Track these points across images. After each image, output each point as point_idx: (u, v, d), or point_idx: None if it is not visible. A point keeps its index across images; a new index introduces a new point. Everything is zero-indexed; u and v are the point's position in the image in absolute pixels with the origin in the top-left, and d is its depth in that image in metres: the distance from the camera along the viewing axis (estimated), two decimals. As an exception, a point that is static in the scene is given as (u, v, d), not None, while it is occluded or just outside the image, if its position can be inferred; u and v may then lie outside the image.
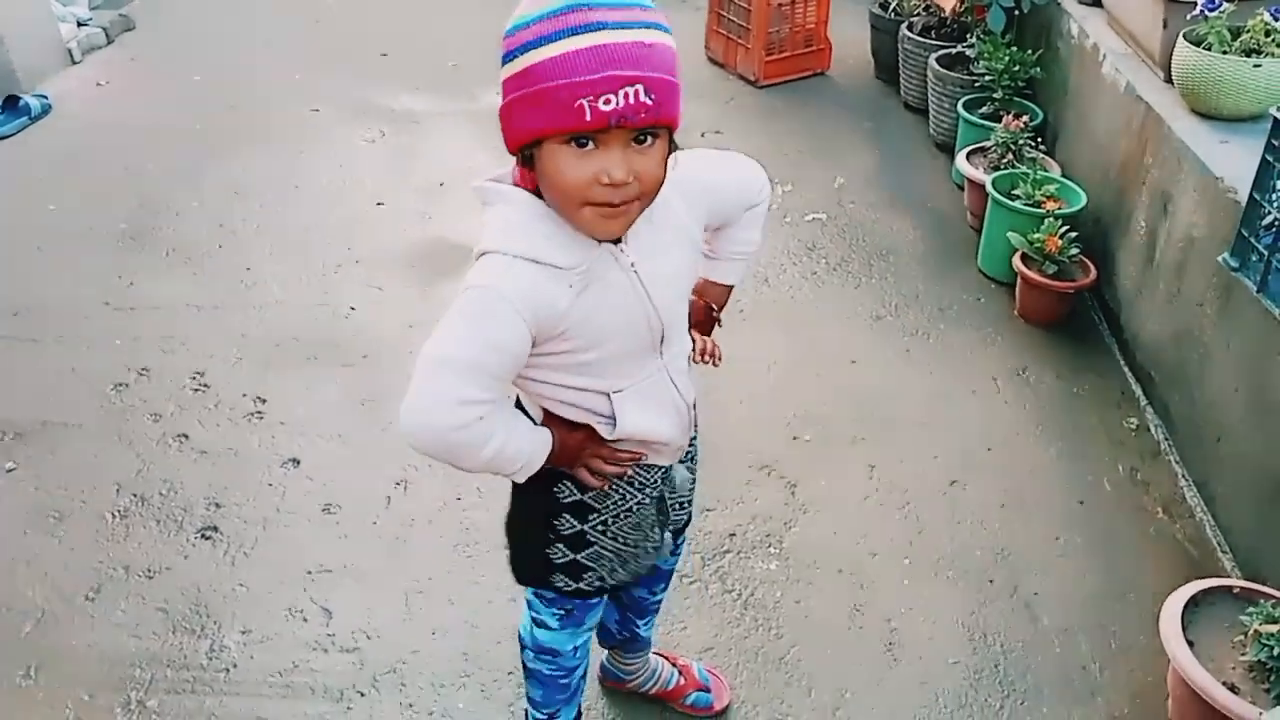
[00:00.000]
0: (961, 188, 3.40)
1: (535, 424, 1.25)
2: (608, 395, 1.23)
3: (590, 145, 1.03)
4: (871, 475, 2.36)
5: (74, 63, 4.51)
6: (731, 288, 1.49)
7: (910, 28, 3.99)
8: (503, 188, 1.15)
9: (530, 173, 1.11)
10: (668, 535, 1.47)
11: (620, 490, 1.34)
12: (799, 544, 2.18)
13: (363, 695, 1.86)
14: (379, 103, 4.19)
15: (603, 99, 0.99)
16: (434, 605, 2.03)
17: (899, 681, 1.89)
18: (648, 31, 1.02)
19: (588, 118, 0.99)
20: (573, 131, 1.02)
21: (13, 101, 4.00)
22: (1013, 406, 2.57)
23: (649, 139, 1.05)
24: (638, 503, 1.36)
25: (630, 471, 1.32)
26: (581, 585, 1.40)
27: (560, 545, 1.37)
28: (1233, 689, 1.62)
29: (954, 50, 3.71)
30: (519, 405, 1.28)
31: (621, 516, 1.36)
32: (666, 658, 1.85)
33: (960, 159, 3.27)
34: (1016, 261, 2.81)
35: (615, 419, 1.24)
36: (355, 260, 3.14)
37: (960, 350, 2.77)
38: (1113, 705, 1.85)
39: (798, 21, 4.34)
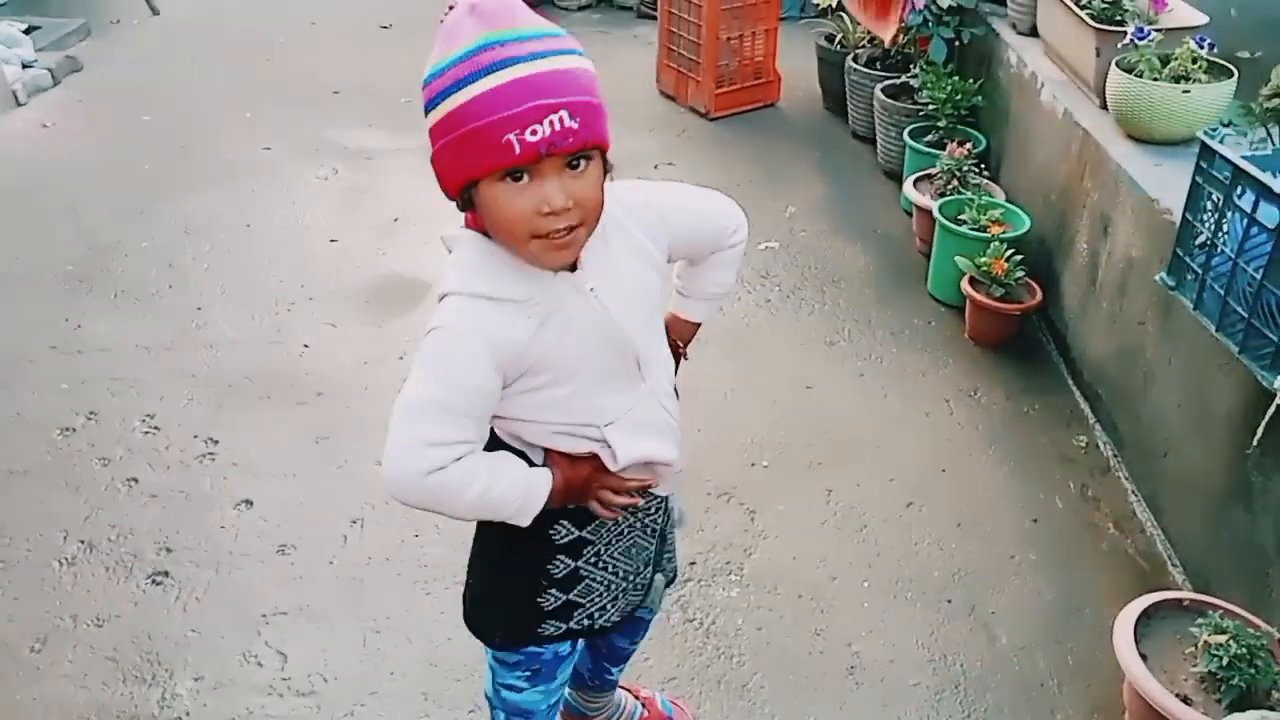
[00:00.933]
0: (910, 214, 3.46)
1: (536, 464, 1.23)
2: (599, 429, 1.21)
3: (525, 178, 1.05)
4: (829, 499, 2.38)
5: (19, 105, 4.46)
6: (698, 325, 1.48)
7: (856, 59, 4.07)
8: (457, 232, 1.16)
9: (475, 215, 1.12)
10: (659, 579, 1.46)
11: (617, 521, 1.33)
12: (759, 570, 2.18)
13: (320, 739, 1.83)
14: (331, 140, 4.19)
15: (529, 130, 1.00)
16: (392, 644, 2.00)
17: (861, 705, 1.90)
18: (561, 58, 1.04)
19: (517, 151, 1.01)
20: (505, 168, 1.03)
21: (-45, 144, 3.94)
22: (965, 427, 2.61)
23: (582, 163, 1.06)
24: (629, 527, 1.35)
25: (641, 501, 1.31)
26: (572, 625, 1.37)
27: (553, 590, 1.34)
28: (1185, 700, 1.65)
29: (899, 80, 3.80)
30: (518, 452, 1.24)
31: (614, 543, 1.35)
32: (630, 690, 1.83)
33: (908, 186, 3.34)
34: (965, 285, 2.87)
35: (614, 452, 1.22)
36: (309, 297, 3.12)
37: (913, 373, 2.81)
38: (1071, 720, 1.87)
39: (746, 54, 4.41)
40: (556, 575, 1.33)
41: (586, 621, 1.38)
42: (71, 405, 2.64)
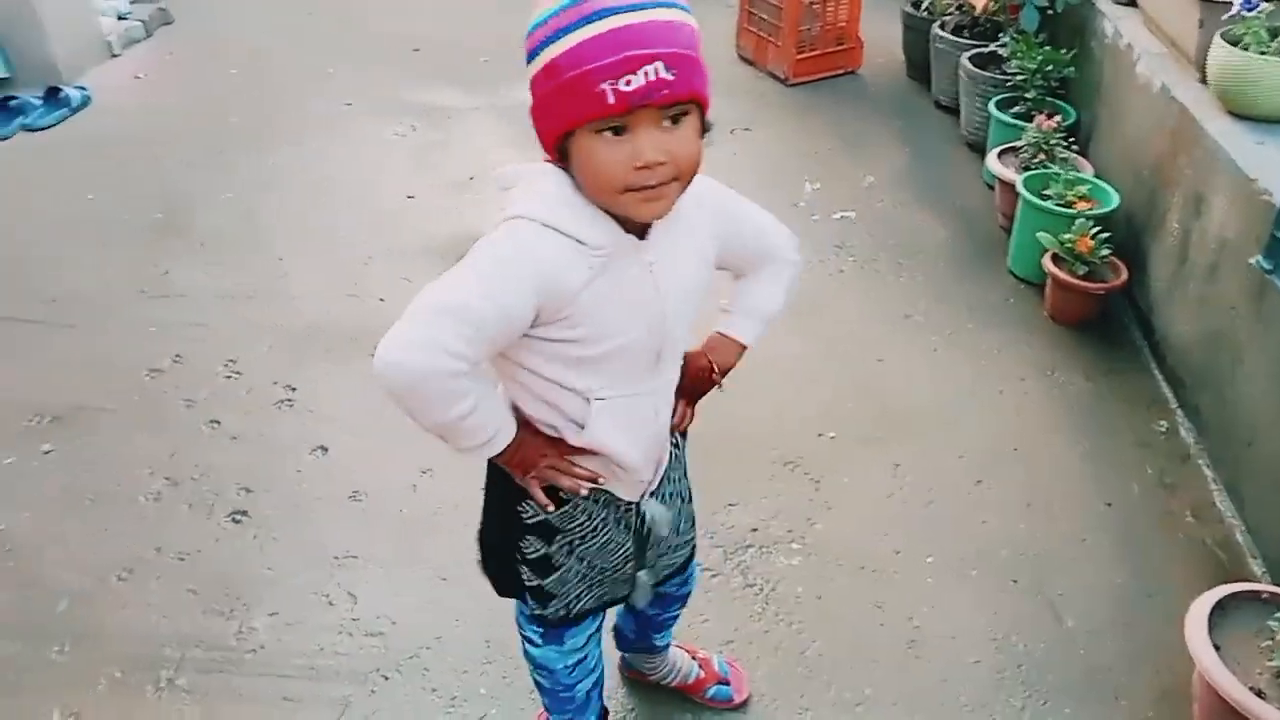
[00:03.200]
0: (992, 187, 3.38)
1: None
2: (588, 400, 1.21)
3: (621, 131, 1.04)
4: (895, 473, 2.36)
5: (113, 55, 4.58)
6: (743, 350, 1.43)
7: (943, 26, 3.97)
8: (534, 165, 1.15)
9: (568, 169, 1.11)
10: (643, 576, 1.44)
11: (586, 509, 1.33)
12: (822, 540, 2.18)
13: (386, 679, 1.88)
14: (410, 98, 4.23)
15: (623, 80, 0.99)
16: (457, 592, 2.05)
17: (919, 679, 1.89)
18: (662, 10, 1.02)
19: (611, 101, 1.00)
20: (599, 119, 1.03)
21: (53, 93, 4.07)
22: (1040, 407, 2.55)
23: (679, 117, 1.05)
24: (603, 521, 1.34)
25: (588, 491, 1.30)
26: (546, 613, 1.40)
27: (526, 569, 1.36)
28: (1259, 694, 1.61)
29: (986, 49, 3.69)
30: None
31: (588, 537, 1.35)
32: (687, 650, 1.85)
33: (991, 158, 3.25)
34: (1047, 262, 2.79)
35: (585, 425, 1.22)
36: (385, 252, 3.17)
37: (988, 350, 2.75)
38: (1136, 708, 1.83)
39: (829, 19, 4.33)
40: (530, 554, 1.35)
41: (563, 612, 1.40)
42: (158, 348, 2.74)
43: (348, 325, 2.83)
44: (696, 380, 1.40)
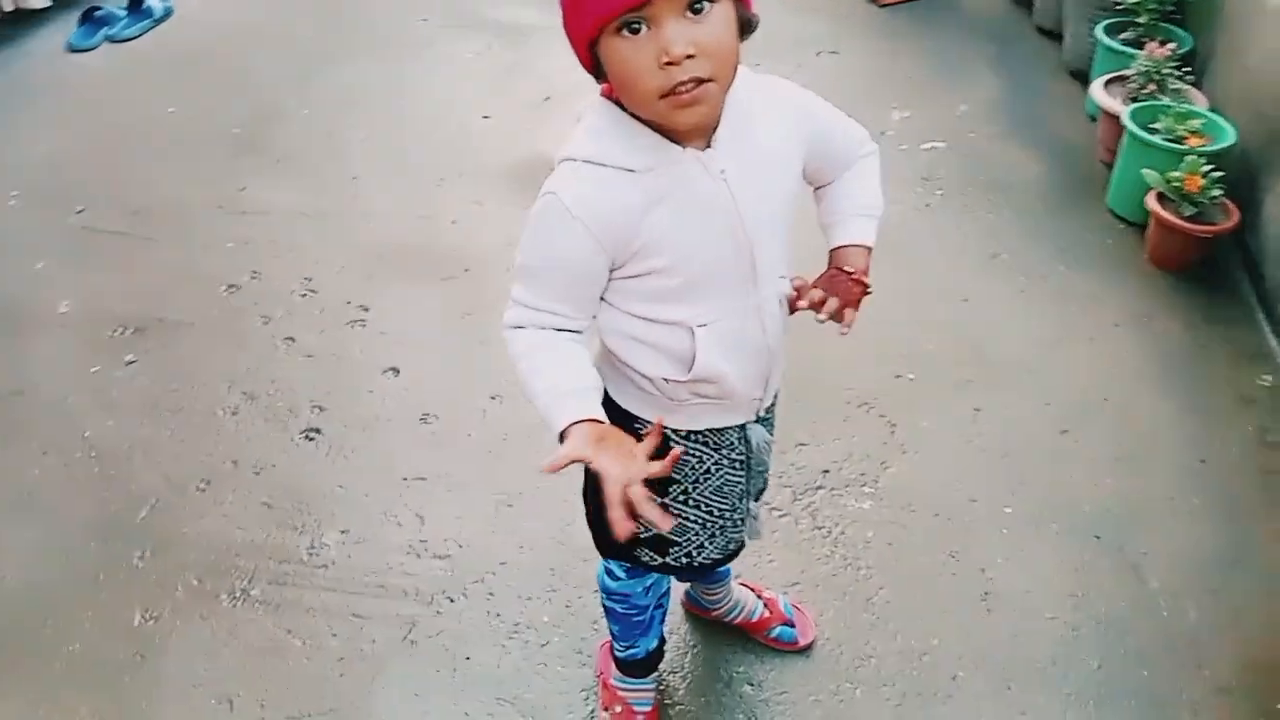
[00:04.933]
0: (1095, 119, 3.18)
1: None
2: (691, 330, 1.16)
3: (643, 29, 0.97)
4: (976, 419, 2.27)
5: (197, -34, 4.57)
6: (869, 250, 1.29)
7: (1051, -56, 3.71)
8: (591, 99, 1.10)
9: (609, 85, 1.06)
10: (754, 507, 1.40)
11: (696, 453, 1.29)
12: (895, 485, 2.12)
13: (452, 601, 1.90)
14: (487, 15, 4.14)
15: None
16: (523, 519, 2.05)
17: (991, 632, 1.84)
18: None
19: None
20: (615, 15, 0.96)
21: (137, 4, 4.09)
22: (1134, 356, 2.42)
23: (704, 5, 0.98)
24: (715, 464, 1.30)
25: (704, 434, 1.26)
26: (668, 560, 1.36)
27: (640, 520, 1.32)
28: (1358, 670, 1.53)
29: (1098, -30, 3.44)
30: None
31: (702, 481, 1.30)
32: (752, 589, 1.83)
33: (1096, 88, 3.06)
34: (1150, 201, 2.63)
35: (695, 357, 1.16)
36: (459, 173, 3.13)
37: (1081, 294, 2.62)
38: (1219, 677, 1.76)
39: (927, -64, 4.09)
40: None
41: (685, 559, 1.36)
42: (236, 264, 2.76)
43: (420, 246, 2.82)
44: (849, 292, 1.26)
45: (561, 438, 1.10)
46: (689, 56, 0.97)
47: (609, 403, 1.27)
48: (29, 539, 2.03)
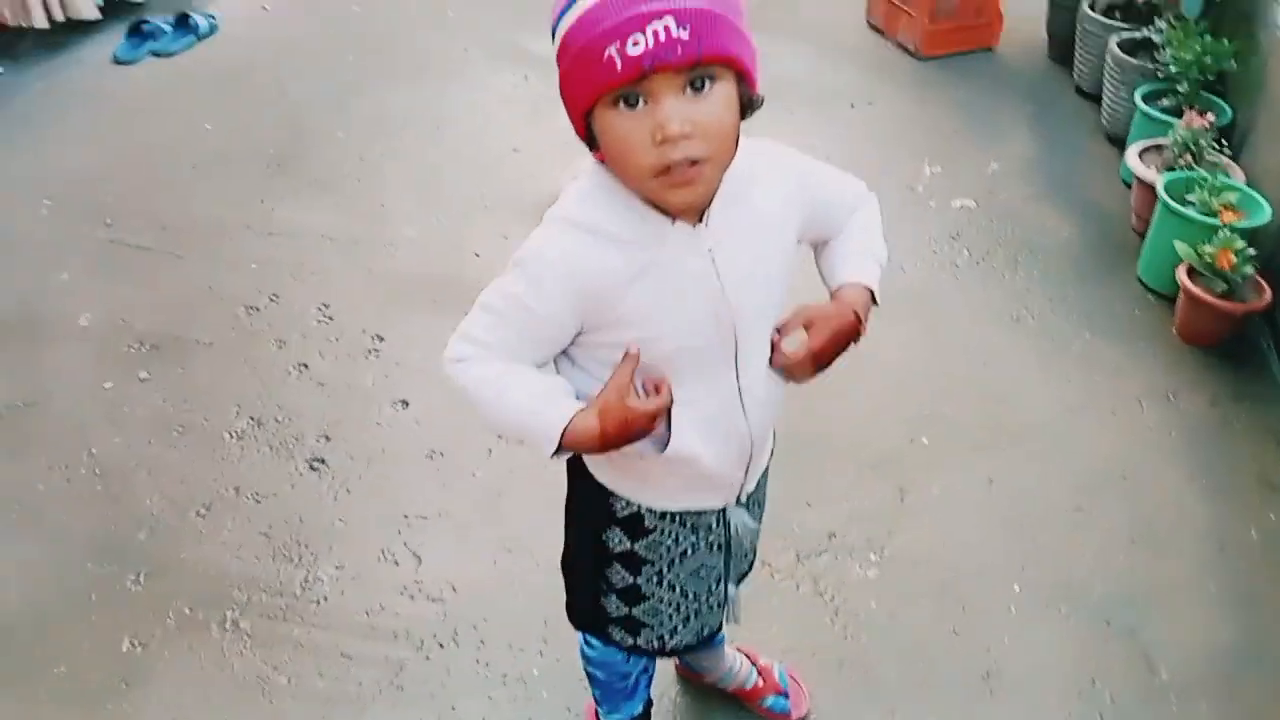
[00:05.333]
0: (1129, 186, 3.13)
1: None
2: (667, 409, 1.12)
3: (640, 102, 0.94)
4: (989, 488, 2.22)
5: (244, -16, 4.65)
6: (870, 292, 1.22)
7: (1092, 5, 3.68)
8: (587, 161, 1.08)
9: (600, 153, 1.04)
10: (734, 589, 1.36)
11: (672, 533, 1.25)
12: (901, 552, 2.07)
13: (442, 647, 1.88)
14: (528, 47, 4.16)
15: (630, 41, 0.90)
16: (522, 565, 2.02)
17: (991, 716, 1.78)
18: None
19: (619, 67, 0.91)
20: (612, 89, 0.93)
21: (183, 20, 4.15)
22: (1156, 432, 2.37)
23: (705, 83, 0.95)
24: (693, 546, 1.27)
25: (681, 515, 1.23)
26: (639, 643, 1.32)
27: (614, 597, 1.29)
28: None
29: (1138, 34, 3.41)
30: None
31: (678, 563, 1.27)
32: (747, 655, 1.79)
33: (1130, 154, 3.02)
34: (1181, 274, 2.58)
35: (669, 437, 1.12)
36: (485, 205, 3.13)
37: (1105, 364, 2.57)
38: (1228, 778, 1.70)
39: (969, -10, 4.07)
40: (616, 584, 1.27)
41: (657, 643, 1.32)
42: (258, 285, 2.77)
43: (440, 278, 2.82)
44: (836, 337, 1.17)
45: (560, 447, 1.08)
46: (685, 136, 0.94)
47: (583, 475, 1.25)
48: (28, 555, 2.04)
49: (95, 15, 4.12)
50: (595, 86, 0.94)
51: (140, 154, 3.39)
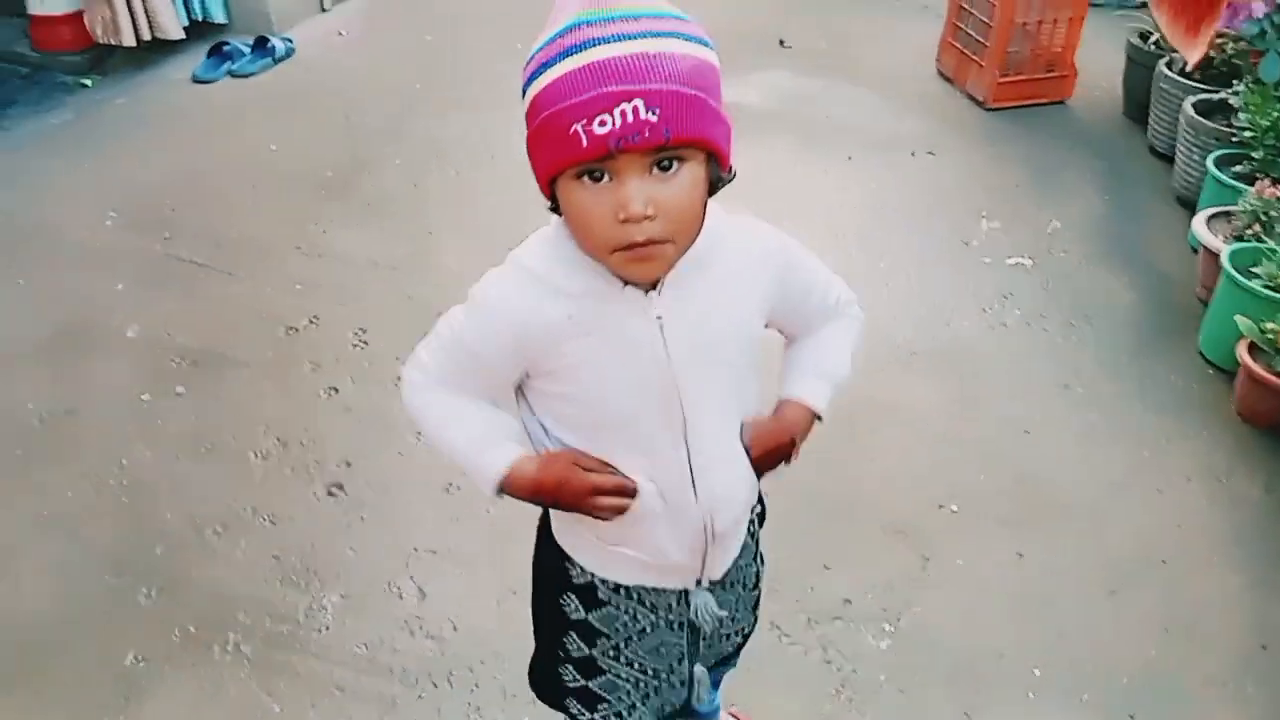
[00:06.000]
0: (1197, 252, 3.01)
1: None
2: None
3: (605, 178, 0.92)
4: (1018, 564, 2.13)
5: (323, 10, 4.78)
6: (815, 420, 1.20)
7: (1170, 64, 3.56)
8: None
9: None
10: (700, 671, 1.30)
11: (629, 609, 1.21)
12: (918, 626, 1.99)
13: (435, 687, 1.86)
14: (590, 81, 4.19)
15: (597, 121, 0.88)
16: (524, 610, 1.95)
17: (997, 808, 1.69)
18: (655, 41, 0.90)
19: (584, 144, 0.89)
20: (575, 164, 0.92)
21: (261, 42, 4.29)
22: (1204, 515, 2.24)
23: (673, 164, 0.93)
24: (650, 624, 1.22)
25: (637, 591, 1.20)
26: (596, 718, 1.28)
27: (570, 667, 1.25)
28: None
29: (1215, 96, 3.29)
30: None
31: (635, 640, 1.22)
32: (743, 720, 1.73)
33: (1198, 221, 2.89)
34: (1241, 350, 2.45)
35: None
36: (526, 239, 3.14)
37: (1155, 439, 2.45)
38: None
39: (1043, 42, 3.98)
40: (573, 653, 1.24)
41: (614, 718, 1.27)
42: (300, 306, 2.82)
43: (479, 309, 2.83)
44: (768, 455, 1.17)
45: (502, 487, 1.11)
46: (647, 217, 0.92)
47: (547, 535, 1.23)
48: (49, 562, 2.08)
49: (180, 35, 4.27)
50: (560, 158, 0.93)
51: (205, 171, 3.50)
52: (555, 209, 1.01)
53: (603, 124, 0.88)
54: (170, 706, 1.81)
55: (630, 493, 1.09)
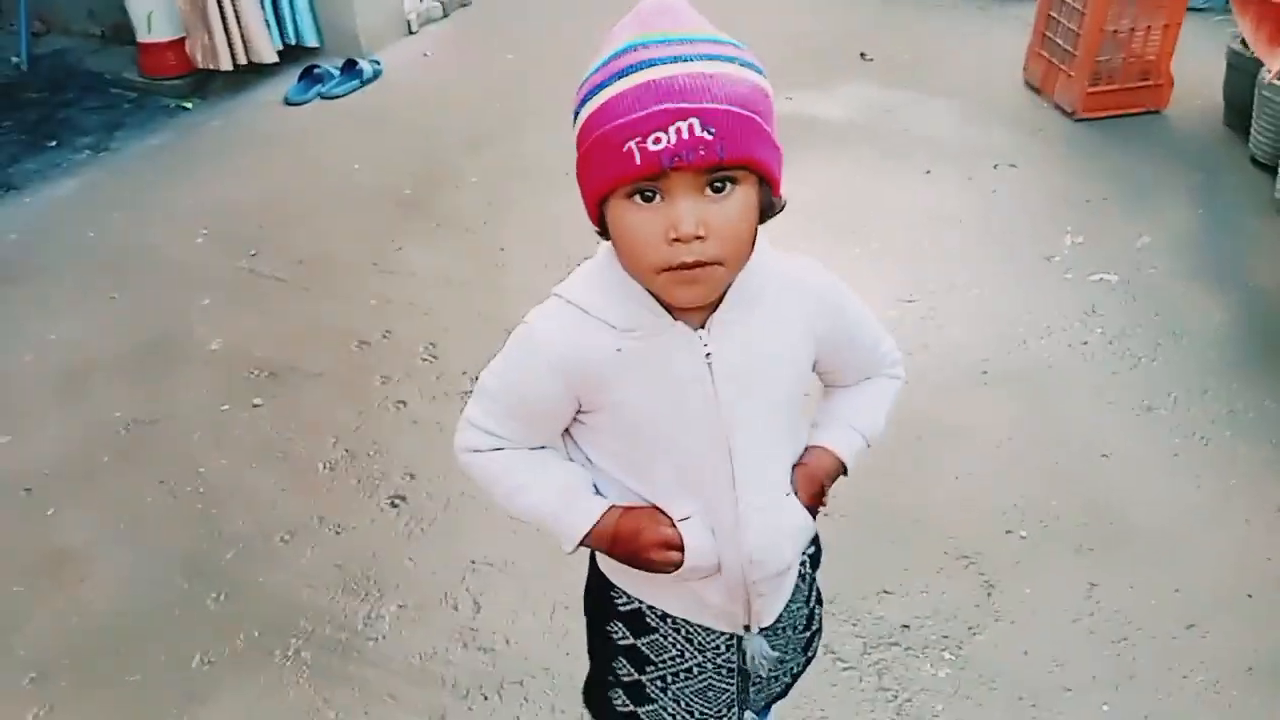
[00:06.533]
0: (1298, 268, 2.85)
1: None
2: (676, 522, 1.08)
3: (656, 198, 0.92)
4: (1090, 594, 2.03)
5: (410, 33, 4.92)
6: (841, 471, 1.18)
7: (1271, 70, 3.38)
8: (605, 243, 1.06)
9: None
10: (749, 715, 1.28)
11: (677, 644, 1.19)
12: (980, 655, 1.92)
13: (485, 699, 1.87)
14: (666, 97, 4.20)
15: (652, 138, 0.88)
16: (577, 624, 1.96)
17: None
18: (710, 64, 0.90)
19: (638, 161, 0.89)
20: (628, 181, 0.91)
21: (351, 65, 4.44)
22: (1296, 549, 2.11)
23: (726, 185, 0.92)
24: (698, 665, 1.20)
25: (685, 625, 1.18)
26: None
27: (620, 691, 1.24)
28: None
29: (1322, 103, 3.11)
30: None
31: (681, 677, 1.20)
32: (791, 748, 1.70)
33: (1299, 236, 2.74)
34: (1343, 373, 2.31)
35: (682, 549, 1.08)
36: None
37: (1244, 466, 2.32)
38: None
39: (1135, 51, 3.82)
40: (623, 678, 1.22)
41: None
42: (373, 321, 2.90)
43: (545, 325, 2.85)
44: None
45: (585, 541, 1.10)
46: (699, 237, 0.92)
47: (593, 561, 1.22)
48: (125, 565, 2.17)
49: (274, 59, 4.46)
50: (612, 177, 0.93)
51: (292, 190, 3.63)
52: (603, 233, 1.01)
53: (657, 141, 0.88)
54: (230, 709, 1.87)
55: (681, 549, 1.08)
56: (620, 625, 1.22)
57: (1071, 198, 3.40)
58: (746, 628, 1.19)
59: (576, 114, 0.97)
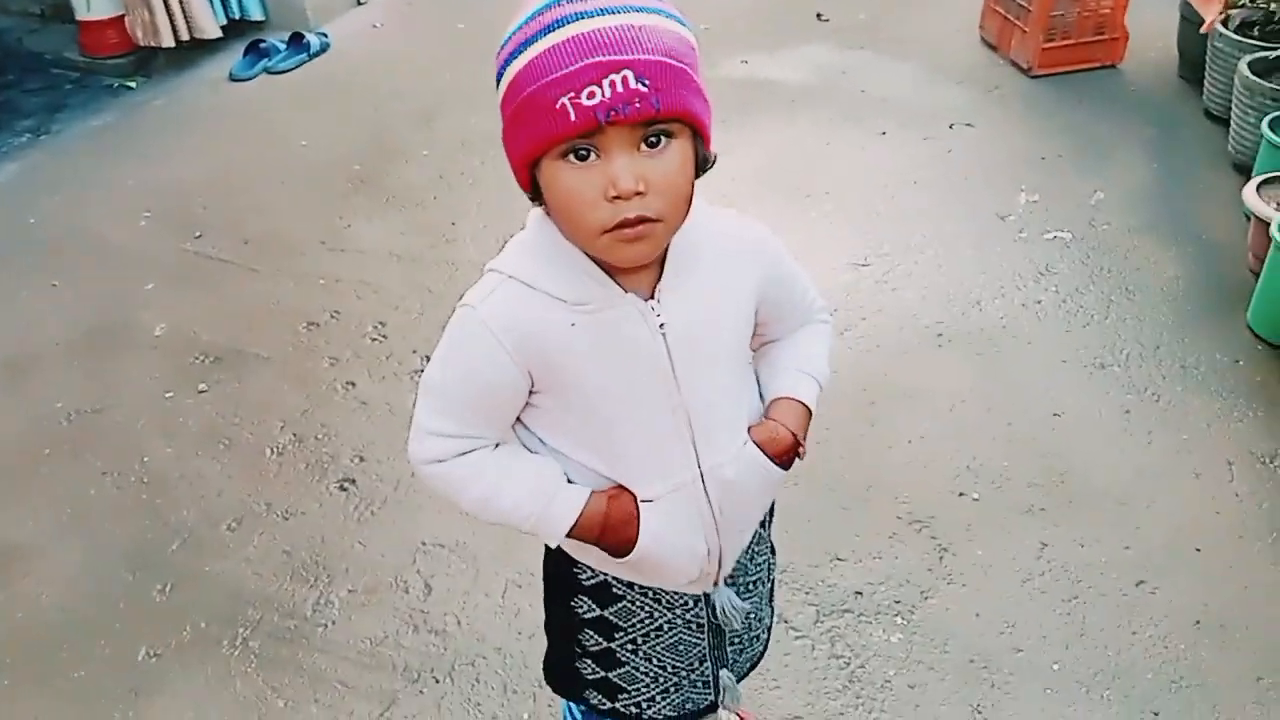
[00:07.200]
0: (1250, 220, 2.84)
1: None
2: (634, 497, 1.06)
3: (591, 156, 0.89)
4: (1041, 554, 2.04)
5: (359, 3, 4.80)
6: (807, 411, 1.15)
7: (1225, 22, 3.37)
8: (533, 211, 1.03)
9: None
10: (726, 675, 1.27)
11: (646, 607, 1.17)
12: (932, 619, 1.93)
13: (437, 682, 1.86)
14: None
15: (585, 92, 0.85)
16: (529, 604, 1.98)
17: (1006, 811, 1.63)
18: (638, 15, 0.87)
19: (572, 118, 0.85)
20: (563, 140, 0.88)
21: (297, 38, 4.33)
22: (1244, 502, 2.12)
23: (661, 139, 0.89)
24: (668, 622, 1.19)
25: (651, 588, 1.16)
26: (617, 706, 1.25)
27: (589, 661, 1.22)
28: None
29: (1273, 54, 3.09)
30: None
31: (651, 636, 1.19)
32: (744, 719, 1.69)
33: (1249, 188, 2.73)
34: (1291, 326, 2.31)
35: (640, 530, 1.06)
36: (550, 228, 3.12)
37: (1195, 420, 2.32)
38: None
39: (1089, 5, 3.79)
40: (590, 648, 1.20)
41: (634, 709, 1.24)
42: (321, 302, 2.84)
43: (497, 300, 2.82)
44: (778, 456, 1.12)
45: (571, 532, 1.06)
46: (638, 193, 0.89)
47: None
48: (71, 560, 2.13)
49: (218, 34, 4.34)
50: (544, 137, 0.89)
51: (237, 168, 3.55)
52: (535, 198, 0.97)
53: (591, 95, 0.85)
54: (177, 702, 1.85)
55: None
56: (585, 599, 1.20)
57: (1028, 156, 3.38)
58: (716, 584, 1.18)
59: (500, 75, 0.94)
